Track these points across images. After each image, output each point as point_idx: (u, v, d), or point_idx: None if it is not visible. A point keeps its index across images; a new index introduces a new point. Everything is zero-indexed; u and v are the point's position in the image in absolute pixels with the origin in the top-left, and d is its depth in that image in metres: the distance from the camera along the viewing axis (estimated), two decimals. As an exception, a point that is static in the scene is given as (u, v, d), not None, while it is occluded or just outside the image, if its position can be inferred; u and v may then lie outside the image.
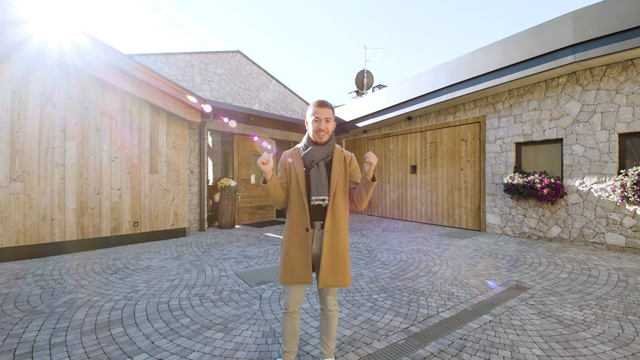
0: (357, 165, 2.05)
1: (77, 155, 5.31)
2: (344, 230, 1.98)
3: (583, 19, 5.11)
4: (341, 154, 2.02)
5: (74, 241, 5.26)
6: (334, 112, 1.99)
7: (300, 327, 2.27)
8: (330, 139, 1.98)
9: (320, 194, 1.87)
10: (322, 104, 1.93)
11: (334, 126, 2.00)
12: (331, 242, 1.92)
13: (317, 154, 1.93)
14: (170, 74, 7.50)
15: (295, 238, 1.93)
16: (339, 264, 1.93)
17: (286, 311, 2.03)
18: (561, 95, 6.05)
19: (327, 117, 1.91)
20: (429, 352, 2.37)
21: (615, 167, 5.37)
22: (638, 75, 5.15)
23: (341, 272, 1.93)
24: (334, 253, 1.92)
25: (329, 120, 1.93)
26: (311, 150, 1.94)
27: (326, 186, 1.90)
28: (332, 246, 1.92)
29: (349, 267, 1.99)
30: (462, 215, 7.88)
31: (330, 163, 1.98)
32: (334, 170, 1.96)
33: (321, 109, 1.91)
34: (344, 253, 1.96)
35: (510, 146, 6.85)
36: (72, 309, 3.11)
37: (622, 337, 2.54)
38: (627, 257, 4.93)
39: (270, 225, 8.44)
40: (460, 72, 6.96)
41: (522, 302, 3.28)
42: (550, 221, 6.20)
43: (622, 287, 3.65)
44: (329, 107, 1.94)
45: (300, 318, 2.12)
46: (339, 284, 1.94)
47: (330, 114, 1.94)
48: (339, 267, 1.93)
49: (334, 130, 2.04)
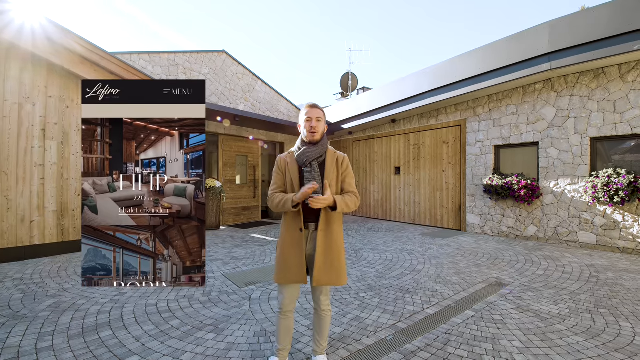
0: (349, 165, 2.12)
1: (57, 155, 5.16)
2: (338, 229, 2.03)
3: (558, 28, 5.39)
4: (334, 154, 2.09)
5: (54, 244, 5.11)
6: (324, 114, 2.08)
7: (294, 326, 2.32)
8: (322, 138, 2.05)
9: (315, 193, 1.90)
10: (314, 105, 2.04)
11: (325, 127, 2.09)
12: (325, 241, 1.96)
13: (310, 154, 1.99)
14: (154, 73, 7.39)
15: (290, 238, 1.98)
16: (333, 263, 1.97)
17: (280, 311, 2.07)
18: (537, 100, 6.35)
19: (318, 116, 2.01)
20: (416, 346, 2.47)
21: (587, 170, 5.69)
22: (608, 83, 5.48)
23: (335, 271, 1.97)
24: (328, 252, 1.96)
25: (320, 120, 2.02)
26: (304, 150, 2.01)
27: (320, 185, 1.94)
28: (326, 245, 1.96)
29: (344, 266, 2.03)
30: (443, 215, 8.11)
31: (323, 163, 2.04)
32: (327, 169, 2.02)
33: (312, 109, 2.02)
34: (339, 252, 2.00)
35: (490, 149, 7.12)
36: (56, 313, 3.04)
37: (594, 329, 2.73)
38: (598, 255, 5.23)
39: (256, 227, 8.43)
40: (443, 76, 7.18)
41: (501, 298, 3.44)
42: (527, 221, 6.48)
43: (593, 283, 3.89)
44: (319, 108, 2.05)
45: (293, 317, 2.16)
46: (334, 283, 1.97)
47: (321, 115, 2.04)
48: (333, 266, 1.97)
49: (325, 132, 2.11)
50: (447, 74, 7.11)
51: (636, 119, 5.17)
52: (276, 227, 8.27)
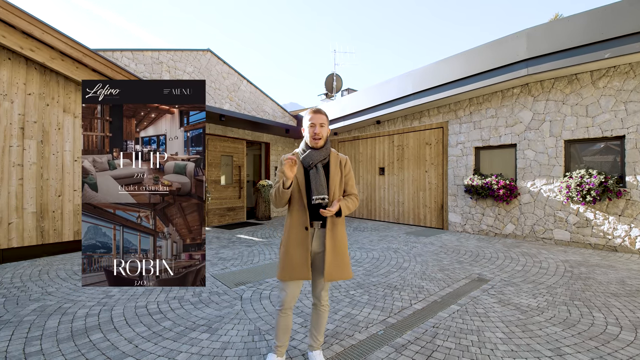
0: (351, 168, 2.22)
1: (36, 155, 5.00)
2: (341, 227, 2.13)
3: (536, 36, 5.66)
4: (337, 157, 2.18)
5: (33, 246, 4.94)
6: (328, 118, 2.16)
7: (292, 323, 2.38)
8: (325, 143, 2.13)
9: (320, 193, 1.99)
10: (317, 111, 2.11)
11: (328, 131, 2.16)
12: (333, 240, 2.06)
13: (315, 157, 2.06)
14: (138, 70, 7.24)
15: (295, 237, 2.05)
16: (342, 259, 2.08)
17: (281, 308, 2.12)
18: (515, 104, 6.63)
19: (321, 122, 2.08)
20: (407, 340, 2.57)
21: (561, 170, 5.99)
22: (581, 89, 5.79)
23: (345, 265, 2.09)
24: (336, 249, 2.07)
25: (323, 126, 2.09)
26: (309, 153, 2.08)
27: (325, 186, 2.03)
28: (334, 243, 2.06)
29: (349, 261, 2.15)
30: (426, 214, 8.33)
31: (327, 165, 2.13)
32: (331, 171, 2.11)
33: (316, 115, 2.09)
34: (344, 248, 2.12)
35: (470, 150, 7.37)
36: (42, 317, 2.97)
37: (570, 320, 2.91)
38: (572, 251, 5.53)
39: (242, 227, 8.39)
40: (426, 80, 7.39)
41: (484, 293, 3.61)
42: (506, 219, 6.76)
43: (568, 277, 4.12)
44: (323, 114, 2.12)
45: (292, 315, 2.22)
46: (344, 277, 2.08)
47: (325, 120, 2.11)
48: (343, 261, 2.08)
49: (328, 136, 2.22)
50: (430, 78, 7.32)
51: (606, 122, 5.50)
52: (262, 228, 8.26)
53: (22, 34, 4.63)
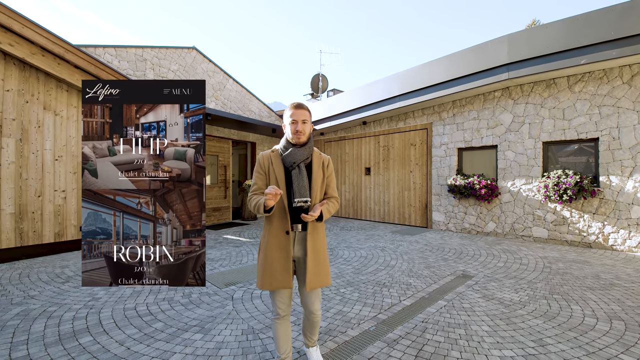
0: (333, 169, 2.10)
1: (15, 154, 4.82)
2: (322, 231, 2.03)
3: (516, 42, 5.89)
4: (320, 157, 2.06)
5: (11, 249, 4.76)
6: (310, 113, 2.02)
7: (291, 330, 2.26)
8: (308, 140, 2.00)
9: (303, 196, 1.86)
10: (298, 106, 1.96)
11: (311, 128, 2.03)
12: (314, 244, 1.95)
13: (298, 156, 1.93)
14: (121, 67, 7.08)
15: (275, 241, 1.92)
16: (322, 265, 1.97)
17: (277, 317, 2.01)
18: (496, 107, 6.87)
19: (303, 119, 1.94)
20: (398, 335, 2.65)
21: (539, 171, 6.25)
22: (558, 93, 6.06)
23: (324, 272, 1.98)
24: (317, 255, 1.95)
25: (306, 122, 1.96)
26: (291, 152, 1.93)
27: (308, 187, 1.90)
28: (315, 248, 1.95)
29: (329, 266, 2.05)
30: (411, 213, 8.50)
31: (310, 165, 2.00)
32: (314, 172, 1.98)
33: (297, 110, 1.94)
34: (324, 253, 2.02)
35: (453, 151, 7.58)
36: (27, 321, 2.89)
37: (550, 312, 3.07)
38: (549, 247, 5.78)
39: (228, 227, 8.33)
40: (411, 82, 7.54)
41: (469, 288, 3.74)
42: (487, 218, 6.99)
43: (547, 272, 4.32)
44: (305, 109, 1.97)
45: (290, 321, 2.09)
46: (323, 284, 1.98)
47: (307, 116, 1.97)
48: (323, 268, 1.97)
49: (311, 132, 2.07)
50: (415, 80, 7.48)
51: (582, 125, 5.78)
52: (249, 228, 8.23)
53: (0, 27, 4.46)
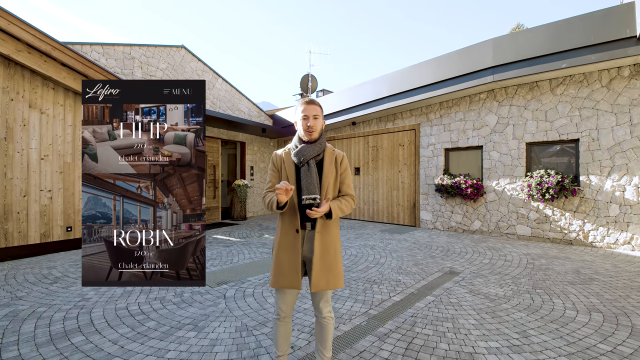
0: (348, 165, 2.03)
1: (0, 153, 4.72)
2: (334, 230, 1.95)
3: (501, 45, 6.07)
4: (332, 152, 1.99)
5: (-5, 250, 4.66)
6: (322, 109, 1.97)
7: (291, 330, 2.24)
8: (320, 137, 1.95)
9: (311, 193, 1.82)
10: (310, 101, 1.93)
11: (323, 123, 1.98)
12: (322, 243, 1.88)
13: (308, 152, 1.89)
14: (108, 65, 6.98)
15: (285, 240, 1.90)
16: (330, 266, 1.89)
17: (278, 317, 1.98)
18: (482, 108, 7.05)
19: (315, 114, 1.91)
20: (388, 329, 2.73)
21: (523, 171, 6.46)
22: (541, 95, 6.27)
23: (333, 274, 1.89)
24: (325, 255, 1.88)
25: (317, 117, 1.92)
26: (301, 148, 1.90)
27: (317, 184, 1.85)
28: (323, 247, 1.88)
29: (341, 268, 1.94)
30: (400, 212, 8.64)
31: (321, 162, 1.95)
32: (325, 168, 1.93)
33: (309, 106, 1.92)
34: (336, 254, 1.92)
35: (441, 151, 7.74)
36: (16, 322, 2.85)
37: (533, 306, 3.20)
38: (532, 245, 5.98)
39: (218, 227, 8.30)
40: (400, 84, 7.68)
41: (456, 284, 3.86)
42: (473, 216, 7.17)
43: (530, 268, 4.48)
44: (316, 104, 1.93)
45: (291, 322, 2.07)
46: (332, 286, 1.89)
47: (318, 111, 1.93)
48: (331, 269, 1.89)
49: (323, 129, 2.02)
50: (403, 81, 7.62)
51: (563, 127, 6.00)
52: (239, 228, 8.22)
53: (-17, 24, 4.36)
